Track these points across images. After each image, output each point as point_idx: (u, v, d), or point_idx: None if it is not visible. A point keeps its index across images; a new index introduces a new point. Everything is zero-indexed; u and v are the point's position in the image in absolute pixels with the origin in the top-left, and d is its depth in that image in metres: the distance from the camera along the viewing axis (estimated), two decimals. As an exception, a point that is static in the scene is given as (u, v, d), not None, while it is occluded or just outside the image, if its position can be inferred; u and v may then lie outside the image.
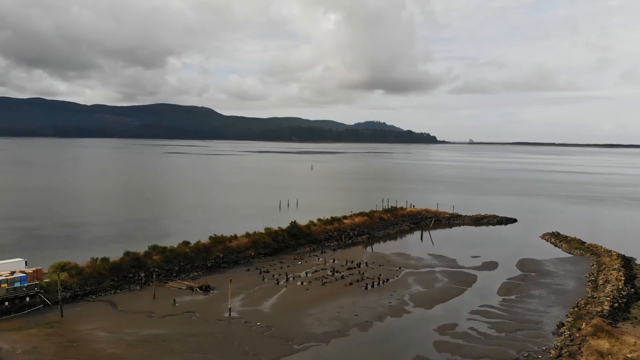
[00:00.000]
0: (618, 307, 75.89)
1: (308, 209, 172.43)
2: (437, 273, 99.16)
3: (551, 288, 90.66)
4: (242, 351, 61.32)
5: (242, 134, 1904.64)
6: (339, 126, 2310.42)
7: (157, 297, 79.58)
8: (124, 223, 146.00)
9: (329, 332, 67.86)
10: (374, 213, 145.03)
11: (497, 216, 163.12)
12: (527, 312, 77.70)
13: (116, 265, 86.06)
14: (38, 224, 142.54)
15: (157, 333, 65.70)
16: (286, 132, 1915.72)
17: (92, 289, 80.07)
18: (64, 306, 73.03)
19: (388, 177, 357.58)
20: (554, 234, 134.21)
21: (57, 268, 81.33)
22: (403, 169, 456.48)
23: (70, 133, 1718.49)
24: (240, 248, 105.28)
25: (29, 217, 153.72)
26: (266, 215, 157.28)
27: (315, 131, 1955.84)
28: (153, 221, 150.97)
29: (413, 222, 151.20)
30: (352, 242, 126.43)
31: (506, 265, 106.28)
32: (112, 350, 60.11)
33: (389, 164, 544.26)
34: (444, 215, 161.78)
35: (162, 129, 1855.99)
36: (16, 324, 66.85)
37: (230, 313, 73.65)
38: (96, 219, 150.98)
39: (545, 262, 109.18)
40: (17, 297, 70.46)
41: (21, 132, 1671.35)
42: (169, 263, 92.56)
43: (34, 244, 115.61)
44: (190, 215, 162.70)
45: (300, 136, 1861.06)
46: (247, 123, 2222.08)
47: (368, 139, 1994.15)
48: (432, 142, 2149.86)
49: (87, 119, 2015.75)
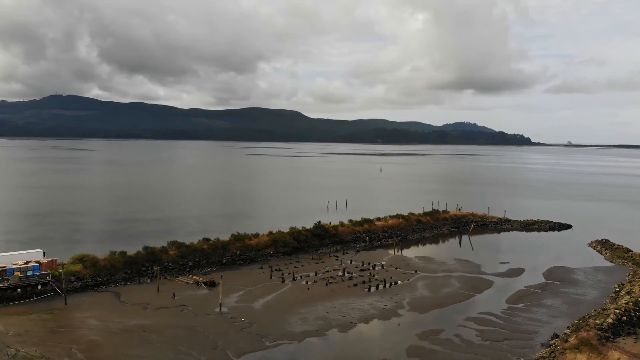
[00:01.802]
0: (626, 321, 70.02)
1: (355, 210, 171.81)
2: (452, 278, 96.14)
3: (568, 298, 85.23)
4: (213, 345, 63.24)
5: (327, 136, 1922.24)
6: (426, 127, 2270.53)
7: (161, 291, 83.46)
8: (173, 219, 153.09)
9: (307, 332, 68.25)
10: (411, 216, 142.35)
11: (550, 222, 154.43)
12: (527, 321, 73.77)
13: (131, 258, 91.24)
14: (94, 218, 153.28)
15: (143, 324, 69.19)
16: (371, 134, 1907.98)
17: (104, 280, 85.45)
18: (72, 295, 78.82)
19: (460, 180, 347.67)
20: (602, 242, 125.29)
21: (76, 260, 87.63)
22: (481, 172, 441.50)
23: (168, 135, 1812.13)
24: (260, 246, 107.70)
25: (88, 212, 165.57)
26: (310, 215, 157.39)
27: (400, 133, 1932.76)
28: (199, 217, 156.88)
29: (455, 226, 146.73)
30: (381, 244, 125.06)
31: (532, 273, 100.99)
32: (93, 337, 64.13)
33: (469, 167, 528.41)
34: (491, 220, 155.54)
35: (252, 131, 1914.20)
36: (22, 309, 73.04)
37: (221, 308, 75.95)
38: (150, 215, 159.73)
39: (576, 271, 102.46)
40: (29, 284, 76.84)
41: (123, 134, 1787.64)
42: (183, 258, 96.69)
43: (78, 237, 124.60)
44: (237, 212, 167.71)
45: (385, 138, 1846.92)
46: (332, 125, 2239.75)
47: (456, 140, 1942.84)
48: (525, 144, 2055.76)
49: (184, 122, 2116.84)
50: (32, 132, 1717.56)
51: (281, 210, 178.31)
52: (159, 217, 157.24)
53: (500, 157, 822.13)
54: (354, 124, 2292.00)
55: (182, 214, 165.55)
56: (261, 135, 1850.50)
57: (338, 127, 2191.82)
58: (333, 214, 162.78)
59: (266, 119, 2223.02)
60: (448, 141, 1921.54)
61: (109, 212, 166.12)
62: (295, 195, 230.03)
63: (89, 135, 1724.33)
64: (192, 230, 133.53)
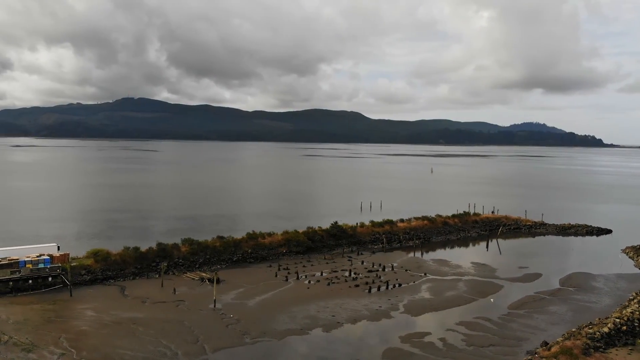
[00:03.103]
0: (626, 331, 66.09)
1: (389, 211, 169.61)
2: (461, 282, 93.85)
3: (577, 305, 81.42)
4: (194, 339, 64.93)
5: (387, 137, 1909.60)
6: (492, 128, 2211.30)
7: (165, 286, 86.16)
8: (211, 216, 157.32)
9: (290, 330, 68.81)
10: (437, 218, 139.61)
11: (588, 226, 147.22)
12: (522, 328, 71.18)
13: (142, 254, 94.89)
14: (133, 215, 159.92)
15: (135, 317, 71.91)
16: (433, 135, 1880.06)
17: (113, 274, 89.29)
18: (80, 288, 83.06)
19: (512, 182, 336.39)
20: (637, 248, 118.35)
21: (90, 254, 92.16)
22: (540, 174, 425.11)
23: (232, 137, 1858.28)
24: (273, 245, 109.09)
25: (129, 208, 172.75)
26: (341, 215, 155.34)
27: (464, 133, 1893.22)
28: (234, 215, 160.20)
29: (485, 229, 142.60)
30: (401, 246, 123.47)
31: (548, 278, 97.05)
32: (84, 327, 67.38)
33: (529, 169, 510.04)
34: (525, 224, 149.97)
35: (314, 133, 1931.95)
36: (29, 300, 77.63)
37: (215, 304, 77.72)
38: (189, 212, 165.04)
39: (597, 277, 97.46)
40: (40, 276, 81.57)
41: (190, 135, 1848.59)
42: (194, 255, 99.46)
43: (110, 233, 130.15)
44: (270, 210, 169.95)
45: (448, 139, 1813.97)
46: (394, 126, 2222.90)
47: (523, 141, 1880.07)
48: (597, 146, 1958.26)
49: (248, 124, 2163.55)
50: (105, 133, 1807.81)
51: (315, 209, 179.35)
52: (197, 215, 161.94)
53: (567, 160, 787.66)
54: (416, 125, 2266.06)
55: (219, 211, 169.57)
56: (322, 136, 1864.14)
57: (399, 127, 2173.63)
58: (366, 215, 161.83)
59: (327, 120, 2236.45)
60: (515, 142, 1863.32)
61: (150, 209, 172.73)
62: (333, 196, 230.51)
63: (158, 136, 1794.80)
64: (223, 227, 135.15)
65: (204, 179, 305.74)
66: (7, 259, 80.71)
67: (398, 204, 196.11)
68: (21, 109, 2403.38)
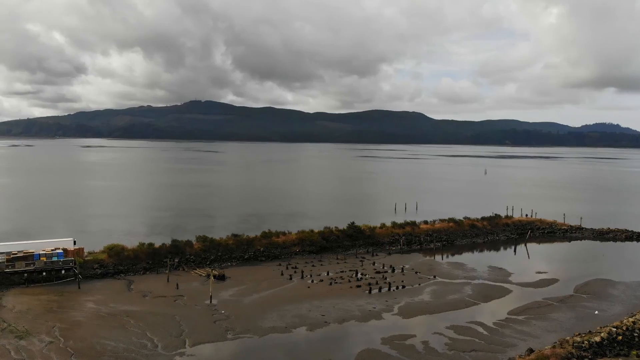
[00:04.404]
0: (621, 341, 62.32)
1: (424, 213, 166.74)
2: (468, 285, 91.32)
3: (583, 313, 77.57)
4: (178, 333, 66.76)
5: (451, 137, 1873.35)
6: (562, 128, 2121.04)
7: (171, 281, 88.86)
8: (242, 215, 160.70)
9: (275, 328, 69.42)
10: (465, 220, 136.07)
11: (628, 231, 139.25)
12: (514, 334, 68.65)
13: (155, 250, 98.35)
14: (171, 212, 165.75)
15: (131, 309, 74.72)
16: (499, 136, 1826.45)
17: (125, 268, 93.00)
18: (90, 281, 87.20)
19: (571, 185, 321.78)
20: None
21: (106, 249, 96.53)
22: (603, 177, 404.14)
23: (294, 138, 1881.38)
24: (286, 244, 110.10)
25: (170, 207, 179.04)
26: (371, 216, 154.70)
27: (531, 134, 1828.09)
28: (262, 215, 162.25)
29: (516, 232, 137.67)
30: (421, 248, 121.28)
31: (564, 284, 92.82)
32: (80, 318, 70.77)
33: (595, 171, 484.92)
34: (560, 227, 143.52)
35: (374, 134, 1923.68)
36: (39, 291, 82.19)
37: (211, 300, 79.50)
38: (225, 211, 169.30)
39: (618, 285, 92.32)
40: (53, 269, 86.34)
41: (253, 137, 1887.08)
42: (206, 252, 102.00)
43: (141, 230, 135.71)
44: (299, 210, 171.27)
45: (515, 140, 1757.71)
46: (458, 126, 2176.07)
47: (595, 142, 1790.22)
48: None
49: (309, 126, 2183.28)
50: (173, 135, 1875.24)
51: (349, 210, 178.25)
52: (232, 213, 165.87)
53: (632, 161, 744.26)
54: (482, 125, 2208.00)
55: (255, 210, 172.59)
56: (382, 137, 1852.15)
57: (463, 128, 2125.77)
58: (400, 216, 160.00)
59: (388, 121, 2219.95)
60: (586, 143, 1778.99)
61: (191, 208, 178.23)
62: (374, 197, 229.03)
63: (223, 138, 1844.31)
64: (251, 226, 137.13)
65: (252, 179, 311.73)
66: (23, 252, 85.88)
67: (436, 205, 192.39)
68: (95, 111, 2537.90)
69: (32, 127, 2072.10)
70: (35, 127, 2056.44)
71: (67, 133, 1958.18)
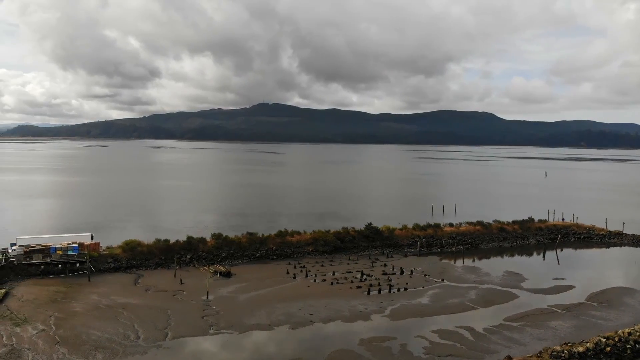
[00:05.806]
0: (609, 353, 58.51)
1: (462, 215, 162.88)
2: (474, 290, 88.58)
3: (587, 322, 73.60)
4: (163, 326, 69.00)
5: (522, 139, 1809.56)
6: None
7: (177, 277, 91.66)
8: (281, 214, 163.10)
9: (258, 325, 70.30)
10: (493, 223, 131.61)
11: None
12: (501, 341, 66.19)
13: (169, 246, 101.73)
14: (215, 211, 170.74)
15: (128, 302, 77.85)
16: (573, 137, 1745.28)
17: (138, 263, 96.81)
18: (102, 274, 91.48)
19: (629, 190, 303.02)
20: None
21: (123, 244, 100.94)
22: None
23: (358, 140, 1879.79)
24: (300, 243, 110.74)
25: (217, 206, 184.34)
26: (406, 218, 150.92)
27: (608, 136, 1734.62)
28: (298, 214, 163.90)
29: (549, 237, 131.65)
30: (442, 251, 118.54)
31: (579, 291, 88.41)
32: (78, 308, 74.50)
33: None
34: (597, 233, 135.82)
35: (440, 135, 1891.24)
36: (51, 282, 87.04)
37: (208, 296, 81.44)
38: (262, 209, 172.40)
39: (637, 294, 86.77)
40: (68, 262, 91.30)
41: (318, 139, 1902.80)
42: (218, 249, 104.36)
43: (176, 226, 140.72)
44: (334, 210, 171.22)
45: (590, 141, 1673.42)
46: (530, 127, 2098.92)
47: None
48: None
49: (374, 127, 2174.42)
50: (242, 136, 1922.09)
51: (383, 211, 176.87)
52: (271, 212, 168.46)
53: None
54: (555, 126, 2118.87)
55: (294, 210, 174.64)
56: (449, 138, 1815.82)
57: (536, 129, 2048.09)
58: (436, 218, 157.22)
59: (455, 122, 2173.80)
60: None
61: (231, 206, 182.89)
62: (414, 198, 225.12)
63: (289, 139, 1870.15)
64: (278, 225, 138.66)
65: (303, 179, 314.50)
66: (41, 245, 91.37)
67: (477, 208, 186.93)
68: (169, 114, 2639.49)
69: (109, 128, 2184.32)
70: (112, 129, 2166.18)
71: (142, 134, 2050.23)
